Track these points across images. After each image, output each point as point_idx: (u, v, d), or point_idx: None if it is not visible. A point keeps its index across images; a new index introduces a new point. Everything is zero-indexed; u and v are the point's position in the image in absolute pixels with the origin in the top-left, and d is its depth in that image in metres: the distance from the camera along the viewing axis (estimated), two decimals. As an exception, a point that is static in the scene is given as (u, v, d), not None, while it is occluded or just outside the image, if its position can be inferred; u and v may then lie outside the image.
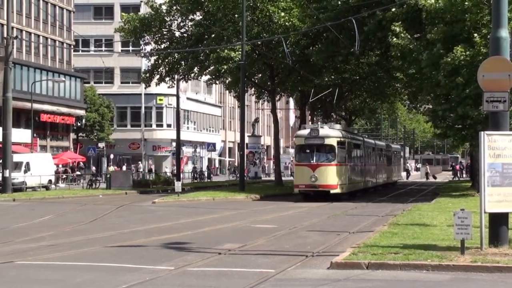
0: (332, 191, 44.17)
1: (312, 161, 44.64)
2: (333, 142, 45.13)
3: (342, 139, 46.25)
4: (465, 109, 38.76)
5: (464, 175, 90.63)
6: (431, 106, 50.21)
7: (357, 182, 50.68)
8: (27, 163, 55.38)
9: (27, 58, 75.98)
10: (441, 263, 15.82)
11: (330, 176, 44.46)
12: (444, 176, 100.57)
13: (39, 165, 56.91)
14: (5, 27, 60.39)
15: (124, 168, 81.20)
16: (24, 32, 74.97)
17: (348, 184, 46.88)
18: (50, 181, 58.60)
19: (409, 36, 41.60)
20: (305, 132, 46.47)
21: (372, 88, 67.83)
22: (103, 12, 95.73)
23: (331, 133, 45.81)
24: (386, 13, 43.33)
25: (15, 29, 66.62)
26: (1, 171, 49.89)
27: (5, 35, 55.57)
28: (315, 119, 77.84)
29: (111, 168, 68.19)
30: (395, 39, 41.56)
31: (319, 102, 72.09)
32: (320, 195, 44.15)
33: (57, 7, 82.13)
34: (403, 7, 42.93)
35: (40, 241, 21.96)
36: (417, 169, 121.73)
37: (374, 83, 66.26)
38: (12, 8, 55.80)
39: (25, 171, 54.25)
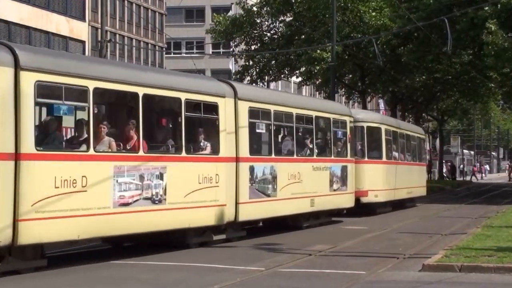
0: None
1: None
2: None
3: None
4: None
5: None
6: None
7: None
8: None
9: (120, 60, 77.24)
10: (537, 266, 15.41)
11: None
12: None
13: None
14: (99, 30, 61.60)
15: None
16: (117, 36, 76.32)
17: None
18: None
19: (504, 34, 40.82)
20: None
21: (465, 88, 66.60)
22: (194, 15, 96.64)
23: None
24: (479, 12, 42.60)
25: (108, 33, 67.85)
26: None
27: (99, 39, 56.69)
28: (406, 120, 77.05)
29: None
30: (490, 36, 40.79)
31: (411, 102, 71.40)
32: None
33: (149, 10, 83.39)
34: (497, 6, 42.14)
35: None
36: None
37: (466, 83, 65.05)
38: (106, 12, 56.80)
39: None
